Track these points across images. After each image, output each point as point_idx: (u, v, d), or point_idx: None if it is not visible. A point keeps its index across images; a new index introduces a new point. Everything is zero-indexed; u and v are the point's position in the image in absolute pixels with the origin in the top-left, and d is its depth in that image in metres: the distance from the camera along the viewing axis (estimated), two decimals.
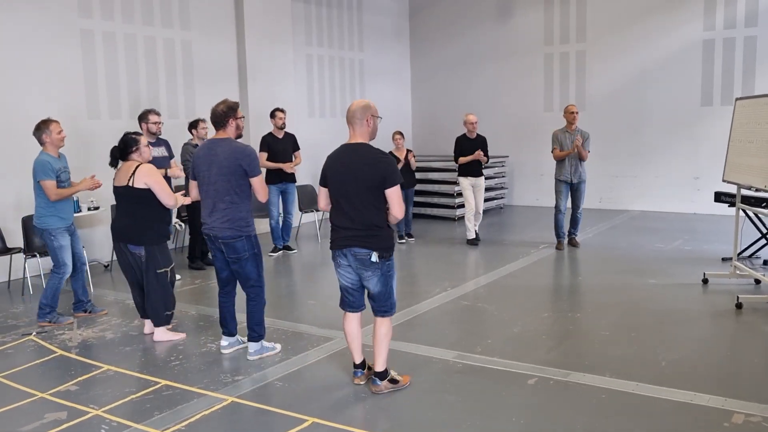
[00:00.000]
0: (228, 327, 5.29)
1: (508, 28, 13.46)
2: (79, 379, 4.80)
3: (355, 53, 13.25)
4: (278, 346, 5.27)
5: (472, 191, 9.55)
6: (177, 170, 7.45)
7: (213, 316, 6.23)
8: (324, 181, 4.37)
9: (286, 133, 9.09)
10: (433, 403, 4.25)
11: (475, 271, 8.27)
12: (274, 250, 9.16)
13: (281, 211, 9.20)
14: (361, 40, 13.42)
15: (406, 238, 9.93)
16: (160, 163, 7.19)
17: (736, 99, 7.15)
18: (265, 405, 4.27)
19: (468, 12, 13.90)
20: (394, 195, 4.18)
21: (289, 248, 9.29)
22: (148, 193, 5.42)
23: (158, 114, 7.45)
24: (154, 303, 5.58)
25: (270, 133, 9.04)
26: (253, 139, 10.36)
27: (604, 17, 12.39)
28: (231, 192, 4.89)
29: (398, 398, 4.34)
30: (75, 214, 7.68)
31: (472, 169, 9.51)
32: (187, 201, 5.85)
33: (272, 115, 9.03)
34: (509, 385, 4.51)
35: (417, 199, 11.74)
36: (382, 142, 11.13)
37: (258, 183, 4.96)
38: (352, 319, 4.49)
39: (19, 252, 7.40)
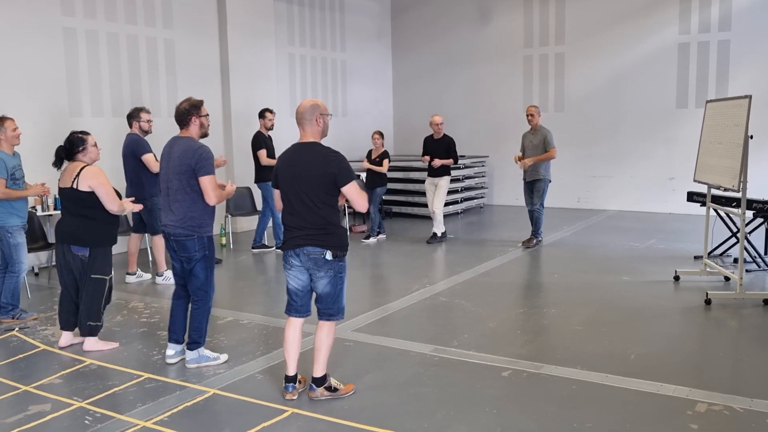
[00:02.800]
0: (175, 332, 5.05)
1: (488, 30, 13.65)
2: (62, 372, 4.88)
3: (337, 53, 13.36)
4: (222, 357, 5.02)
5: (431, 191, 9.82)
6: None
7: None
8: (275, 182, 4.31)
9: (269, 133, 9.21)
10: (410, 395, 4.38)
11: (453, 268, 8.40)
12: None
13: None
14: (343, 41, 13.53)
15: (376, 235, 10.07)
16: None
17: (707, 101, 7.36)
18: (246, 396, 4.38)
19: (449, 14, 14.07)
20: (351, 191, 4.16)
21: (265, 246, 9.38)
22: (92, 196, 5.21)
23: (149, 112, 7.51)
24: (83, 310, 5.36)
25: (260, 132, 9.12)
26: (235, 137, 10.46)
27: (582, 20, 12.61)
28: (182, 191, 4.79)
29: (376, 390, 4.46)
30: None
31: (432, 170, 9.74)
32: (136, 208, 5.65)
33: (261, 115, 9.11)
34: (484, 377, 4.66)
35: (397, 198, 11.93)
36: (364, 142, 11.29)
37: (206, 182, 4.75)
38: (295, 325, 4.39)
39: None
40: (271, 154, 9.05)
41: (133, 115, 7.41)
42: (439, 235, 9.80)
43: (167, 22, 9.89)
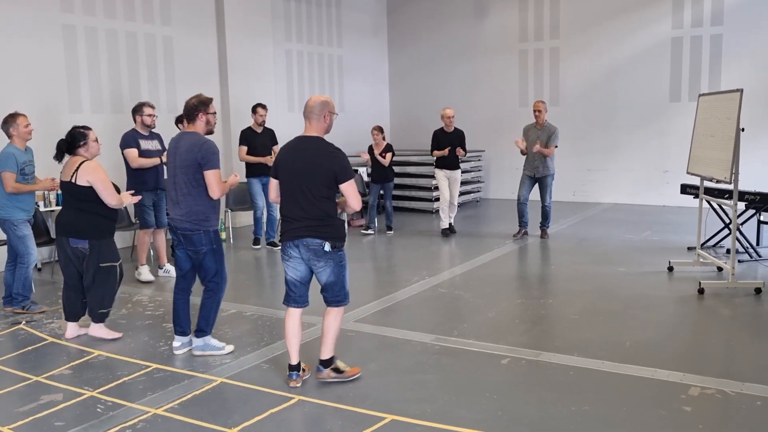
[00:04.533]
0: (181, 325, 5.15)
1: (483, 25, 13.76)
2: (72, 363, 4.98)
3: (333, 49, 13.45)
4: (228, 348, 5.12)
5: (447, 183, 9.83)
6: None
7: (196, 305, 6.41)
8: (275, 173, 4.41)
9: (265, 128, 9.26)
10: (413, 381, 4.50)
11: (452, 260, 8.54)
12: (256, 242, 9.31)
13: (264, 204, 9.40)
14: (340, 36, 13.61)
15: (387, 229, 10.20)
16: (153, 156, 7.36)
17: (700, 95, 7.49)
18: (252, 385, 4.49)
19: (445, 9, 14.17)
20: (349, 189, 4.27)
21: (274, 244, 9.36)
22: (90, 191, 5.28)
23: (153, 107, 7.55)
24: (92, 298, 5.50)
25: (249, 128, 9.19)
26: (234, 134, 10.53)
27: (577, 15, 12.73)
28: (188, 185, 4.88)
29: (379, 377, 4.58)
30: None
31: (448, 162, 9.79)
32: (134, 200, 5.73)
33: (253, 110, 9.18)
34: (484, 364, 4.78)
35: (394, 192, 12.00)
36: (361, 137, 11.38)
37: (211, 176, 4.85)
38: (295, 315, 4.47)
39: None
40: (259, 151, 9.00)
41: (136, 110, 7.50)
42: (453, 224, 10.04)
43: (165, 19, 9.97)
